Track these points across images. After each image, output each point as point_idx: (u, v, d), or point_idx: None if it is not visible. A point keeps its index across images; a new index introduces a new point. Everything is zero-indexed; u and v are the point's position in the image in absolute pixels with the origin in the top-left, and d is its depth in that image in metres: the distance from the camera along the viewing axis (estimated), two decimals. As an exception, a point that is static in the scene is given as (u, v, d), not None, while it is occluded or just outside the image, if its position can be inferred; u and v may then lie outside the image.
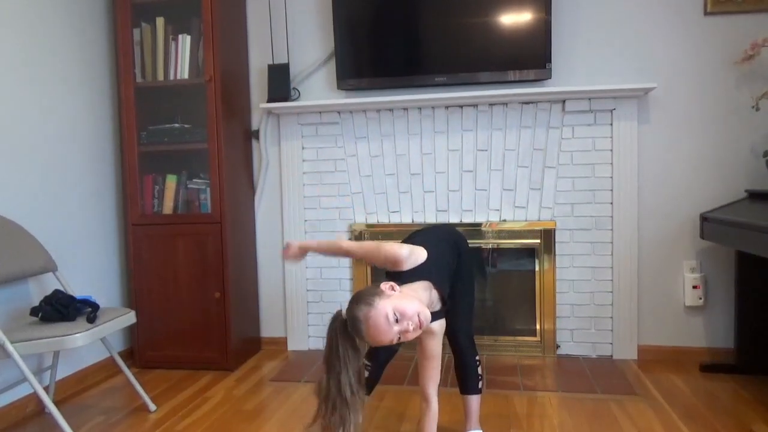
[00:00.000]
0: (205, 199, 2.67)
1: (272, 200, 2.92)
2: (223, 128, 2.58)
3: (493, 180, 2.69)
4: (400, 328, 1.38)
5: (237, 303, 2.69)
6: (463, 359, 1.77)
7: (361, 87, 2.73)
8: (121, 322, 2.07)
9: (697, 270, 2.60)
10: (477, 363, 1.77)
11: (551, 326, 2.68)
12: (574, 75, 2.63)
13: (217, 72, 2.55)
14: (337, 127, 2.80)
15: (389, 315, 1.37)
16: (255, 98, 2.91)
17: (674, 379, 2.39)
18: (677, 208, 2.61)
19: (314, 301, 2.89)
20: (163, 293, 2.64)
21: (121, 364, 2.18)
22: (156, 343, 2.67)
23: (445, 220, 2.74)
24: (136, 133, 2.65)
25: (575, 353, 2.68)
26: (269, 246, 2.93)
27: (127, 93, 2.63)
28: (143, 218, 2.66)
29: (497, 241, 2.69)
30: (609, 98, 2.56)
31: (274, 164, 2.91)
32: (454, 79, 2.63)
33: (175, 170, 2.71)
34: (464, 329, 1.76)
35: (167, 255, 2.63)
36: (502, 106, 2.66)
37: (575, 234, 2.65)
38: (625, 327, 2.62)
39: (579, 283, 2.66)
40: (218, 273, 2.59)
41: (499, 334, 2.76)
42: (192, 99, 2.71)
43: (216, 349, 2.62)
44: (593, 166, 2.62)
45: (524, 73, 2.57)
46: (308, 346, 2.90)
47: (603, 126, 2.60)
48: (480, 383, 1.78)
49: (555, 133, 2.63)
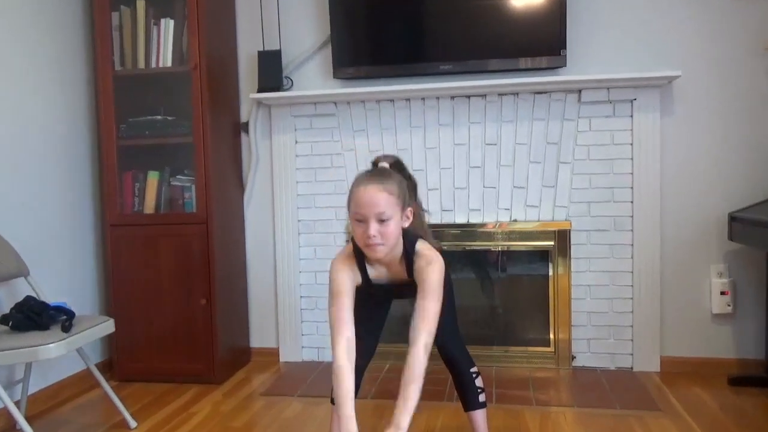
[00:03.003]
0: (189, 198, 2.68)
1: (263, 199, 2.93)
2: (209, 120, 2.59)
3: (503, 177, 2.70)
4: (372, 230, 1.47)
5: (224, 310, 2.69)
6: (458, 372, 1.78)
7: (360, 75, 2.74)
8: (98, 331, 2.08)
9: (725, 274, 2.60)
10: (473, 375, 1.78)
11: (566, 336, 2.68)
12: (591, 62, 2.64)
13: (202, 59, 2.55)
14: (333, 119, 2.80)
15: (380, 213, 1.47)
16: (244, 88, 2.91)
17: (700, 393, 2.40)
18: (703, 207, 2.61)
19: (308, 309, 2.89)
20: (144, 300, 2.64)
21: (99, 377, 2.18)
22: (136, 354, 2.67)
23: (451, 220, 2.74)
24: (115, 126, 2.65)
25: (592, 365, 2.68)
26: (259, 248, 2.93)
27: (105, 82, 2.64)
28: (122, 218, 2.67)
29: (507, 243, 2.70)
30: (629, 87, 2.56)
31: (265, 160, 2.92)
32: (461, 67, 2.63)
33: (158, 166, 2.72)
34: (452, 340, 1.77)
35: (148, 258, 2.63)
36: (513, 97, 2.66)
37: (592, 235, 2.65)
38: (646, 336, 2.63)
39: (596, 289, 2.66)
40: (204, 278, 2.60)
41: (509, 344, 2.77)
42: (176, 89, 2.71)
43: (201, 360, 2.63)
44: (612, 161, 2.62)
45: (537, 61, 2.58)
46: (302, 358, 2.91)
47: (623, 118, 2.60)
48: (480, 396, 1.79)
49: (570, 126, 2.64)
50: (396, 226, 1.52)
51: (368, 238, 1.49)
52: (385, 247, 1.51)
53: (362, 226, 1.50)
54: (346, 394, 1.46)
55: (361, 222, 1.50)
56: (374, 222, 1.49)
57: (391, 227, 1.50)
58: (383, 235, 1.50)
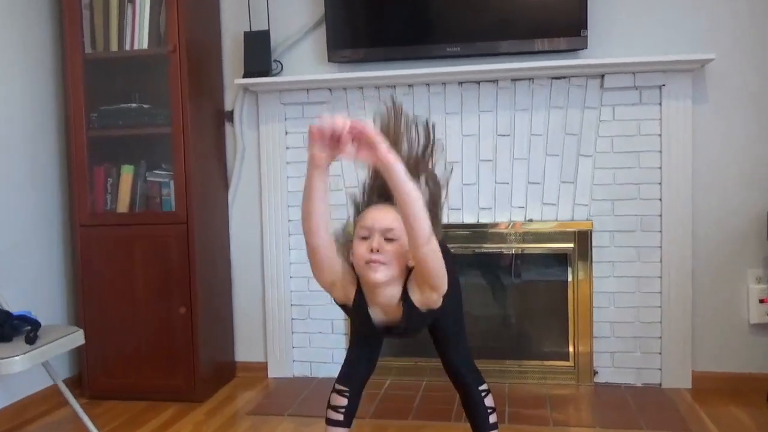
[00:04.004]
0: (168, 195, 2.67)
1: (250, 196, 2.92)
2: (189, 109, 2.58)
3: (517, 171, 2.69)
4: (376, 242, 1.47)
5: (207, 320, 2.68)
6: (466, 390, 1.77)
7: (357, 59, 2.73)
8: (66, 343, 2.07)
9: (764, 280, 2.59)
10: (483, 393, 1.77)
11: (587, 348, 2.67)
12: (615, 44, 2.63)
13: (182, 41, 2.55)
14: (327, 107, 2.79)
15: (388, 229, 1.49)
16: (228, 73, 2.91)
17: (736, 412, 2.39)
18: (740, 205, 2.60)
19: (300, 319, 2.89)
20: (117, 308, 2.64)
21: (67, 394, 2.18)
22: (109, 369, 2.67)
23: (458, 219, 2.74)
24: (85, 115, 2.64)
25: (616, 381, 2.68)
26: (246, 251, 2.93)
27: (74, 67, 2.63)
28: (93, 218, 2.66)
29: (522, 245, 2.69)
30: (657, 72, 2.55)
31: (252, 152, 2.91)
32: (470, 50, 2.62)
33: (132, 160, 2.71)
34: (459, 354, 1.76)
35: (122, 262, 2.62)
36: (528, 82, 2.65)
37: (616, 237, 2.64)
38: (676, 349, 2.62)
39: (621, 296, 2.65)
40: (184, 284, 2.59)
41: (524, 358, 2.76)
42: (152, 74, 2.71)
43: (181, 375, 2.62)
44: (638, 154, 2.61)
45: (555, 42, 2.57)
46: (293, 373, 2.90)
47: (650, 106, 2.59)
48: (491, 417, 1.77)
49: (592, 115, 2.63)
50: (401, 250, 1.51)
51: (370, 252, 1.48)
52: (387, 269, 1.50)
53: (366, 242, 1.50)
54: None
55: (365, 239, 1.51)
56: (379, 237, 1.49)
57: (395, 248, 1.50)
58: (387, 253, 1.49)
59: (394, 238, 1.50)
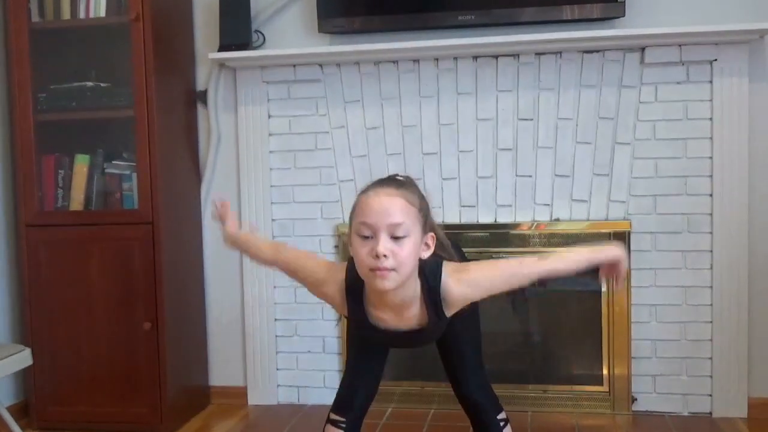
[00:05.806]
0: (129, 190, 2.69)
1: (226, 191, 2.92)
2: (155, 88, 2.59)
3: (542, 162, 2.71)
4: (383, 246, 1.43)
5: (175, 338, 2.70)
6: (481, 419, 1.79)
7: (353, 29, 2.74)
8: (10, 365, 2.09)
9: (833, 291, 2.61)
10: (501, 423, 1.78)
11: (624, 371, 2.69)
12: (657, 11, 2.63)
13: (146, 7, 2.55)
14: (318, 86, 2.81)
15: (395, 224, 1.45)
16: (201, 45, 2.92)
17: (800, 446, 2.41)
18: (805, 203, 2.62)
19: (285, 336, 2.90)
20: (70, 323, 2.65)
21: (12, 424, 2.20)
22: (61, 395, 2.68)
23: (473, 218, 2.75)
24: (32, 95, 2.65)
25: (659, 409, 2.69)
26: (222, 256, 2.93)
27: (19, 39, 2.64)
28: (42, 217, 2.67)
29: (547, 249, 2.70)
30: (708, 44, 2.56)
31: (229, 140, 2.93)
32: (486, 18, 2.63)
33: (88, 148, 2.72)
34: (475, 378, 1.78)
35: (76, 269, 2.64)
36: (554, 56, 2.67)
37: (659, 239, 2.66)
38: (730, 372, 2.63)
39: (664, 310, 2.67)
40: (149, 295, 2.61)
41: (549, 382, 2.78)
42: (112, 46, 2.72)
43: (145, 402, 2.63)
44: (685, 141, 2.62)
45: (586, 9, 2.58)
46: (277, 400, 2.92)
47: (699, 84, 2.60)
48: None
49: (630, 95, 2.64)
50: (414, 248, 1.46)
51: (376, 258, 1.42)
52: (398, 275, 1.44)
53: (368, 243, 1.44)
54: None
55: (368, 239, 1.44)
56: (386, 237, 1.43)
57: (407, 248, 1.44)
58: (397, 256, 1.43)
59: (405, 235, 1.44)
